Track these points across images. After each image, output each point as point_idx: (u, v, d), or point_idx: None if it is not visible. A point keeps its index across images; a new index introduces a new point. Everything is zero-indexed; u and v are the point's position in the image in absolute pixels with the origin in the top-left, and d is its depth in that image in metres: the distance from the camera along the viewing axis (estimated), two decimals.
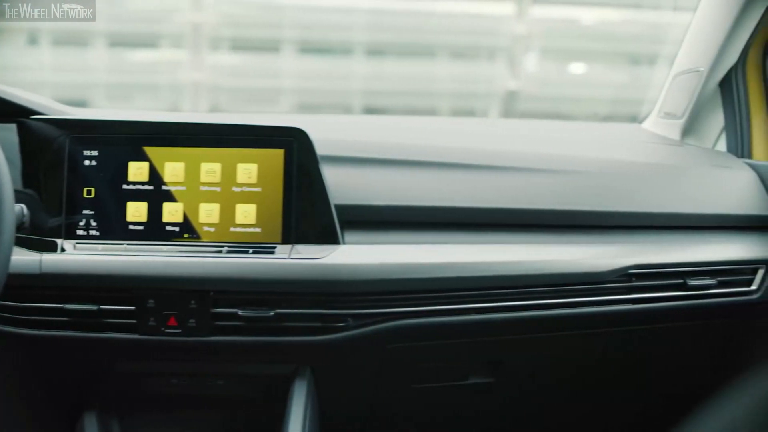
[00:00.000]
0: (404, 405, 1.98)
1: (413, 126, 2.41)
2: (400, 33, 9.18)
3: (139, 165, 1.67)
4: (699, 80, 2.33)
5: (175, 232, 1.66)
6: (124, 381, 1.82)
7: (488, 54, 9.27)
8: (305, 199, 1.66)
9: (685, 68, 2.41)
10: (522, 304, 1.75)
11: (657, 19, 8.17)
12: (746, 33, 2.22)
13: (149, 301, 1.61)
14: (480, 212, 1.82)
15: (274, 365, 1.78)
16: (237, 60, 9.02)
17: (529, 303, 1.75)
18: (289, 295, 1.63)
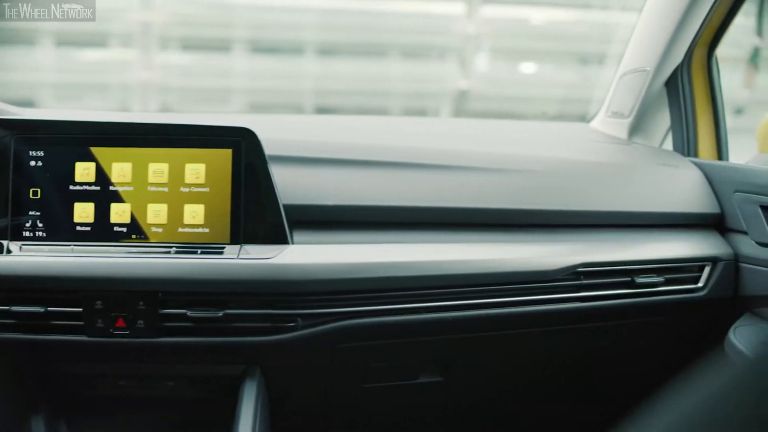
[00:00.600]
0: (355, 404, 1.98)
1: (364, 126, 2.41)
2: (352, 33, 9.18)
3: (86, 165, 1.65)
4: (645, 80, 2.36)
5: (123, 232, 1.65)
6: (73, 383, 1.80)
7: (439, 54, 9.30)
8: (254, 199, 1.65)
9: (631, 68, 2.44)
10: (471, 303, 1.75)
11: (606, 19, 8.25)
12: (691, 33, 2.25)
13: (97, 302, 1.60)
14: (430, 211, 1.82)
15: (224, 366, 1.77)
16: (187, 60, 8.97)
17: (478, 302, 1.76)
18: (238, 296, 1.63)
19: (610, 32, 6.87)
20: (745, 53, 3.67)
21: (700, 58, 2.33)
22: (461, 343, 1.86)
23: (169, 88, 8.69)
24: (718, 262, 1.95)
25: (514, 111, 8.73)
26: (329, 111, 9.44)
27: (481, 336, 1.85)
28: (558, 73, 8.94)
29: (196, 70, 8.95)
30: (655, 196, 2.01)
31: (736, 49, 2.71)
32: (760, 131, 2.13)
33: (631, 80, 2.42)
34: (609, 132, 2.52)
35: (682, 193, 2.04)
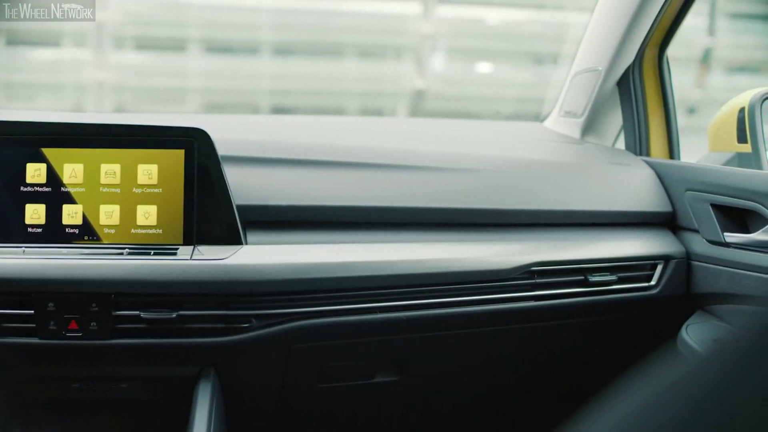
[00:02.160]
0: (312, 404, 1.98)
1: (320, 125, 2.41)
2: (307, 32, 9.17)
3: (37, 166, 1.64)
4: (597, 79, 2.38)
5: (75, 234, 1.63)
6: (25, 386, 1.79)
7: (395, 53, 9.32)
8: (207, 200, 1.64)
9: (583, 67, 2.46)
10: (425, 302, 1.76)
11: (561, 19, 8.30)
12: (642, 33, 2.27)
13: (49, 304, 1.58)
14: (383, 211, 1.83)
15: (178, 367, 1.76)
16: (142, 59, 8.92)
17: (432, 301, 1.77)
18: (192, 297, 1.62)
19: (564, 32, 6.91)
20: (697, 53, 3.72)
21: (651, 57, 2.35)
22: (416, 342, 1.87)
23: (123, 88, 8.64)
24: (671, 260, 1.98)
25: (470, 110, 8.76)
26: (285, 111, 9.43)
27: (436, 335, 1.86)
28: (513, 72, 8.98)
29: (151, 70, 8.90)
30: (607, 195, 2.03)
31: (688, 49, 2.74)
32: (711, 130, 2.15)
33: (584, 80, 2.44)
34: (562, 131, 2.54)
35: (635, 192, 2.06)
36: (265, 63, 9.10)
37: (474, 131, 2.58)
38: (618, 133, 2.48)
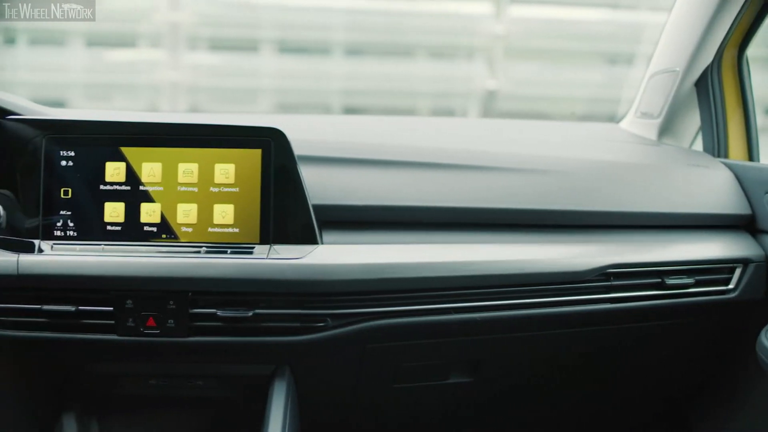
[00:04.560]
0: (384, 404, 1.98)
1: (392, 126, 2.41)
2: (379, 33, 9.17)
3: (117, 165, 1.66)
4: (675, 80, 2.34)
5: (153, 232, 1.65)
6: (103, 382, 1.81)
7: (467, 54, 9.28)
8: (283, 199, 1.65)
9: (661, 68, 2.42)
10: (501, 303, 1.75)
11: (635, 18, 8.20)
12: (721, 33, 2.23)
13: (127, 301, 1.60)
14: (459, 212, 1.82)
15: (254, 365, 1.78)
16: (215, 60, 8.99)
17: (508, 303, 1.75)
18: (268, 296, 1.63)
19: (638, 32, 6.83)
20: None
21: (730, 58, 2.31)
22: (491, 343, 1.86)
23: (197, 88, 8.72)
24: (750, 263, 1.94)
25: (542, 111, 8.71)
26: (356, 111, 9.44)
27: (511, 337, 1.85)
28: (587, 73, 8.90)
29: (224, 70, 8.97)
30: (685, 197, 2.00)
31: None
32: None
33: (661, 81, 2.41)
34: (638, 132, 2.51)
35: (713, 194, 2.03)
36: (336, 63, 9.13)
37: (548, 132, 2.56)
38: (695, 134, 2.44)
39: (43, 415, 1.83)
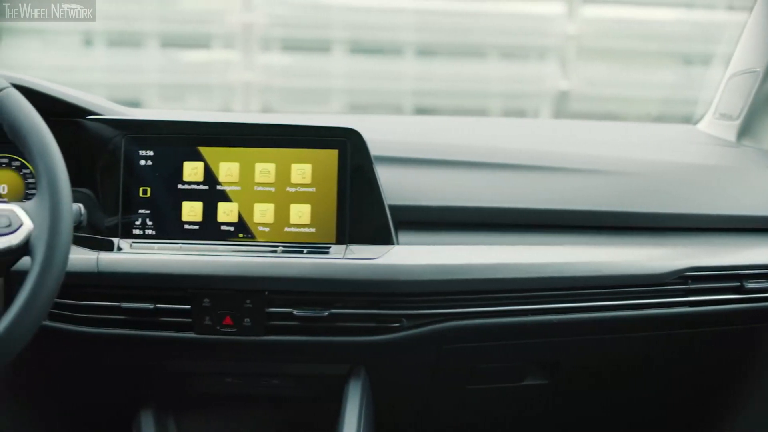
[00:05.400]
0: (458, 405, 1.98)
1: (464, 126, 2.40)
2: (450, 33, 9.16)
3: (195, 165, 1.68)
4: (755, 81, 2.30)
5: (230, 231, 1.67)
6: (180, 380, 1.83)
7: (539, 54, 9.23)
8: (359, 200, 1.66)
9: (741, 69, 2.38)
10: (577, 306, 1.74)
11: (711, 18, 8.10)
12: None
13: (205, 300, 1.62)
14: (533, 213, 1.81)
15: (329, 365, 1.79)
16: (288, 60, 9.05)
17: (583, 305, 1.74)
18: (344, 295, 1.64)
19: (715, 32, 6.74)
20: None
21: None
22: (567, 346, 1.85)
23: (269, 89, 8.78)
24: None
25: (616, 112, 8.62)
26: (427, 112, 9.44)
27: (587, 339, 1.84)
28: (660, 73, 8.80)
29: (297, 71, 9.03)
30: (765, 200, 1.97)
31: None
32: None
33: (741, 81, 2.37)
34: (716, 134, 2.47)
35: None
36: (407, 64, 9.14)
37: (623, 133, 2.53)
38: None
39: (120, 413, 1.85)
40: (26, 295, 1.24)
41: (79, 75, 8.38)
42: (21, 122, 1.32)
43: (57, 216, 1.29)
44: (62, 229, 1.29)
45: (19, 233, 1.30)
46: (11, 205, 1.33)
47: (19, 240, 1.29)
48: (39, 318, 1.26)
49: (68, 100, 1.71)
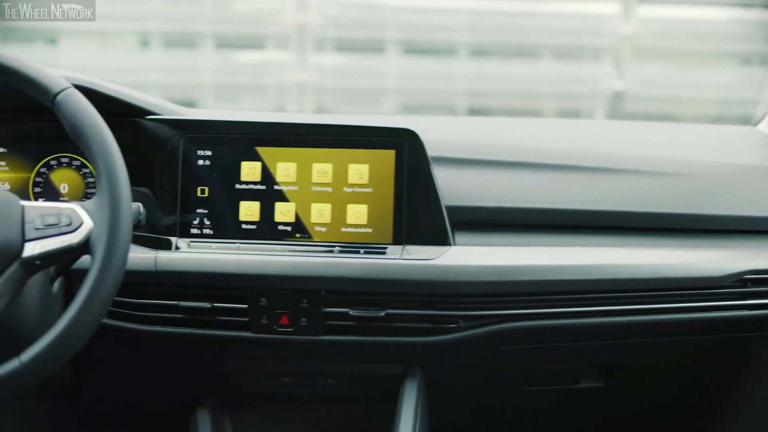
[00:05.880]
0: (514, 407, 1.97)
1: (519, 127, 2.39)
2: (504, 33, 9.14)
3: (252, 165, 1.69)
4: None
5: (287, 231, 1.67)
6: (236, 378, 1.85)
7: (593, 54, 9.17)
8: (416, 200, 1.66)
9: None
10: (634, 308, 1.72)
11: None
12: None
13: (261, 299, 1.63)
14: (590, 215, 1.80)
15: (385, 365, 1.79)
16: (341, 61, 9.07)
17: (641, 307, 1.73)
18: (400, 296, 1.64)
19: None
20: None
21: None
22: (623, 348, 1.83)
23: (323, 89, 8.81)
24: None
25: (672, 113, 8.54)
26: (481, 112, 9.41)
27: (643, 342, 1.82)
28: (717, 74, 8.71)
29: (350, 71, 9.05)
30: None
31: None
32: None
33: None
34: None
35: None
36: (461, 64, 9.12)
37: (680, 134, 2.51)
38: None
39: (176, 410, 1.87)
40: (86, 294, 1.25)
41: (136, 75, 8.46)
42: (82, 122, 1.33)
43: (117, 215, 1.30)
44: (122, 228, 1.30)
45: (80, 232, 1.31)
46: (72, 204, 1.35)
47: (80, 239, 1.30)
48: (98, 316, 1.28)
49: (128, 101, 1.72)
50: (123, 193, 1.32)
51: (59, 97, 1.34)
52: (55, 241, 1.30)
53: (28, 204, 1.34)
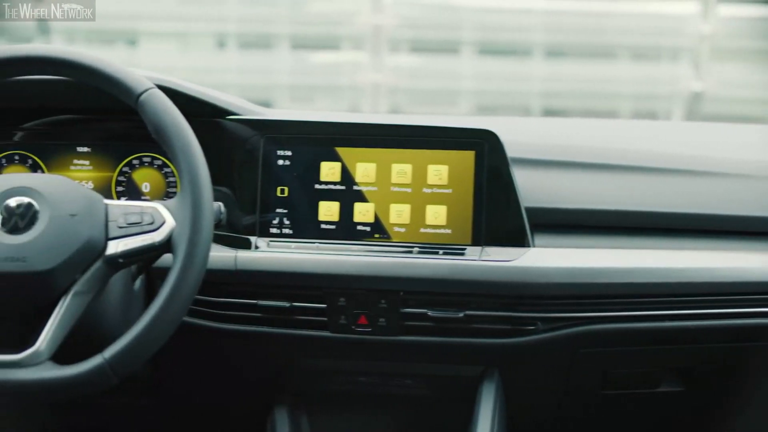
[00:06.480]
0: (592, 410, 1.94)
1: (595, 128, 2.37)
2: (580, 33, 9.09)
3: (332, 165, 1.68)
4: None
5: (366, 231, 1.67)
6: (313, 377, 1.85)
7: (671, 54, 9.08)
8: (496, 202, 1.64)
9: None
10: (716, 312, 1.69)
11: None
12: None
13: (340, 299, 1.63)
14: (672, 217, 1.77)
15: (462, 366, 1.77)
16: (416, 61, 9.09)
17: (723, 311, 1.69)
18: (479, 297, 1.62)
19: None
20: None
21: None
22: (703, 353, 1.80)
23: (398, 90, 8.84)
24: None
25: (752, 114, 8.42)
26: (556, 113, 9.37)
27: (724, 347, 1.79)
28: None
29: (425, 72, 9.06)
30: None
31: None
32: None
33: None
34: None
35: None
36: (536, 65, 9.09)
37: (761, 136, 2.46)
38: None
39: (254, 408, 1.88)
40: (168, 292, 1.26)
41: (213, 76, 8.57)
42: (165, 122, 1.34)
43: (199, 214, 1.30)
44: (204, 227, 1.31)
45: (162, 230, 1.32)
46: (154, 203, 1.36)
47: (162, 237, 1.31)
48: (180, 314, 1.28)
49: (209, 101, 1.73)
50: (205, 192, 1.33)
51: (143, 97, 1.35)
52: (137, 239, 1.31)
53: (112, 203, 1.35)
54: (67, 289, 1.25)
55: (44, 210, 1.27)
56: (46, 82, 1.44)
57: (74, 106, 1.75)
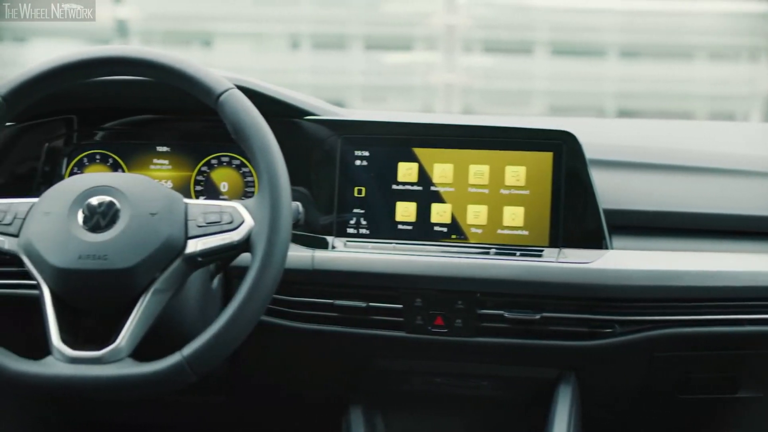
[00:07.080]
0: (669, 414, 1.92)
1: (672, 129, 2.34)
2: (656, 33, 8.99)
3: (409, 166, 1.68)
4: None
5: (443, 232, 1.66)
6: (388, 377, 1.85)
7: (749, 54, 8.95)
8: (574, 203, 1.63)
9: None
10: None
11: None
12: None
13: (416, 300, 1.62)
14: (750, 220, 1.74)
15: (538, 369, 1.76)
16: (489, 61, 9.06)
17: None
18: (556, 299, 1.60)
19: None
20: None
21: None
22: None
23: (471, 90, 8.82)
24: None
25: None
26: (631, 114, 9.28)
27: None
28: None
29: (498, 72, 9.03)
30: None
31: None
32: None
33: None
34: None
35: None
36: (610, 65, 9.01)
37: None
38: None
39: (329, 408, 1.88)
40: (246, 291, 1.27)
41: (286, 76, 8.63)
42: (245, 122, 1.35)
43: (277, 214, 1.31)
44: (282, 227, 1.31)
45: (241, 230, 1.32)
46: (233, 202, 1.36)
47: (241, 236, 1.32)
48: (258, 313, 1.29)
49: (287, 101, 1.74)
50: (284, 192, 1.33)
51: (222, 97, 1.36)
52: (216, 238, 1.32)
53: (191, 202, 1.36)
54: (147, 287, 1.26)
55: (125, 209, 1.28)
56: (126, 82, 1.46)
57: (154, 107, 1.77)
